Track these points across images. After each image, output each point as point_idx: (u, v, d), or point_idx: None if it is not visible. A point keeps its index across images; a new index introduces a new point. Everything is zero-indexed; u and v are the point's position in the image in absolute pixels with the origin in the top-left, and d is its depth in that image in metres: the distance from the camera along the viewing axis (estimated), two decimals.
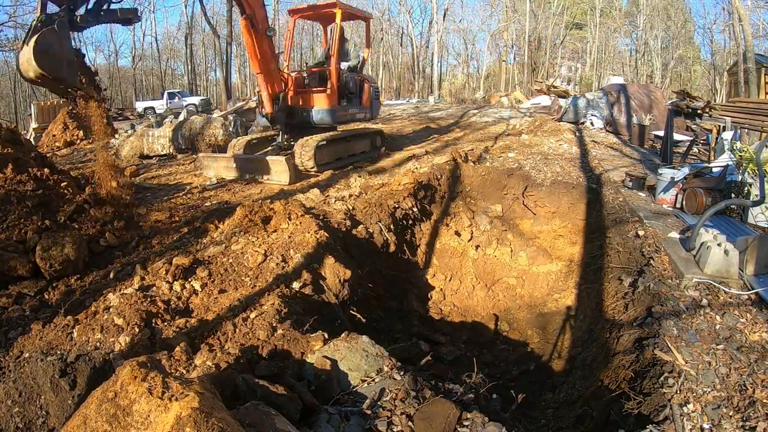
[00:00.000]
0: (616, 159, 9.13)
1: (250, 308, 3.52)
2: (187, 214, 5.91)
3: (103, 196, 5.51)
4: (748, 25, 17.40)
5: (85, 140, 14.83)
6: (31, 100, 30.78)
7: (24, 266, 4.15)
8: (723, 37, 34.03)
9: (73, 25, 4.92)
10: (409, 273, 6.31)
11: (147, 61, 45.47)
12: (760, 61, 17.57)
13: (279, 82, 8.20)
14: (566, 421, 3.73)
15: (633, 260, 4.76)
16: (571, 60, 42.46)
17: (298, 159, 7.95)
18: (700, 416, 2.57)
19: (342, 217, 5.66)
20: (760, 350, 3.01)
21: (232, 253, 4.38)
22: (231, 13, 23.74)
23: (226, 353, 2.92)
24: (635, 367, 3.23)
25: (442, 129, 13.68)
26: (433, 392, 2.65)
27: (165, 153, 11.56)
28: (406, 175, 7.44)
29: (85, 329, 3.26)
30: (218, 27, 30.38)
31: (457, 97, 24.79)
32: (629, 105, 12.50)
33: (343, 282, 4.35)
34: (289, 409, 2.27)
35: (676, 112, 8.86)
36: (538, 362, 5.38)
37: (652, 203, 6.21)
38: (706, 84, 36.89)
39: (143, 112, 27.02)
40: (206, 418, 1.72)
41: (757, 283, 3.78)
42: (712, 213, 4.29)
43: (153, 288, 3.80)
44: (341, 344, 2.94)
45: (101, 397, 1.87)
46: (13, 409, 2.73)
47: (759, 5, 26.52)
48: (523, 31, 36.57)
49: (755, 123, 7.49)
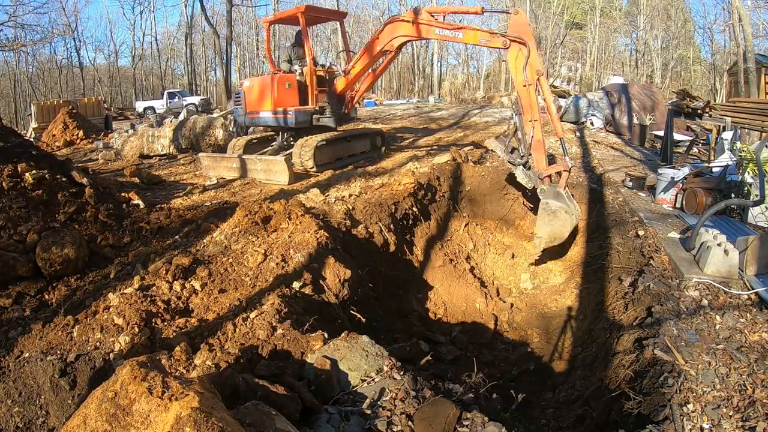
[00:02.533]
0: (617, 159, 9.13)
1: (250, 308, 3.52)
2: (187, 214, 5.91)
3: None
4: (748, 25, 17.39)
5: (85, 140, 14.85)
6: (31, 100, 30.82)
7: (24, 266, 4.15)
8: (723, 37, 34.03)
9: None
10: (409, 273, 6.31)
11: (147, 61, 45.53)
12: (760, 61, 17.55)
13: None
14: (566, 421, 3.73)
15: (633, 260, 4.76)
16: (571, 60, 42.43)
17: (298, 159, 7.95)
18: (700, 416, 2.57)
19: (342, 217, 5.66)
20: (760, 350, 3.01)
21: (232, 253, 4.38)
22: (231, 14, 23.74)
23: (226, 353, 2.92)
24: (635, 366, 3.23)
25: (443, 129, 13.67)
26: (433, 392, 2.65)
27: (165, 153, 11.57)
28: (407, 175, 7.44)
29: (85, 329, 3.26)
30: (218, 27, 30.38)
31: (457, 97, 24.78)
32: (630, 105, 12.49)
33: (343, 282, 4.35)
34: (289, 408, 2.27)
35: (676, 112, 8.86)
36: (538, 362, 5.37)
37: (652, 203, 6.21)
38: (706, 84, 36.86)
39: (143, 112, 27.04)
40: (206, 418, 1.72)
41: (757, 283, 3.78)
42: (712, 213, 4.30)
43: (153, 288, 3.80)
44: (341, 344, 2.94)
45: (101, 397, 1.87)
46: (13, 409, 2.73)
47: (759, 5, 26.53)
48: None
49: (755, 123, 7.50)
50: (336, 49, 35.92)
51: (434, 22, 6.88)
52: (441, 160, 8.37)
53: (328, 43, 39.57)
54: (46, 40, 33.60)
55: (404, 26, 7.20)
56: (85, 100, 19.91)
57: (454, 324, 6.06)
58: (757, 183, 5.01)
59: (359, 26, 41.66)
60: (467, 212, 7.83)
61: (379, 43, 7.64)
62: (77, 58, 42.70)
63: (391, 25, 7.43)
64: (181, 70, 47.04)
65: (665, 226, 5.26)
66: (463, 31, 6.71)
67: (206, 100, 27.90)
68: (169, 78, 45.40)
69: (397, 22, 7.32)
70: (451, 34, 6.80)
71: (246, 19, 40.54)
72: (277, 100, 8.37)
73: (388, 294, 5.70)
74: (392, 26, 7.41)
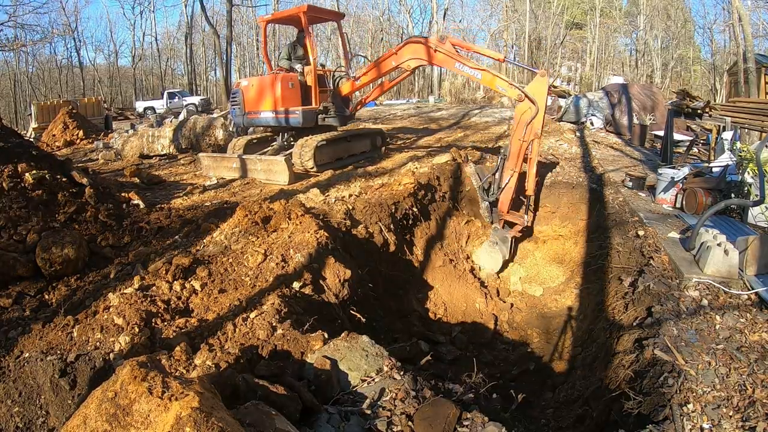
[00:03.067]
0: (617, 159, 9.13)
1: (250, 308, 3.51)
2: (187, 214, 5.91)
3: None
4: (748, 25, 17.40)
5: (85, 140, 14.86)
6: (31, 100, 30.83)
7: (24, 266, 4.15)
8: (723, 37, 34.05)
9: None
10: (409, 273, 6.31)
11: (147, 61, 45.54)
12: (760, 61, 17.55)
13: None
14: (566, 421, 3.73)
15: (633, 260, 4.76)
16: (571, 60, 42.43)
17: (298, 159, 7.94)
18: (700, 416, 2.57)
19: (342, 217, 5.66)
20: (760, 350, 3.01)
21: (232, 253, 4.38)
22: (231, 14, 23.73)
23: (226, 353, 2.92)
24: (635, 366, 3.23)
25: (443, 129, 13.67)
26: (433, 392, 2.65)
27: (165, 153, 11.57)
28: (407, 175, 7.44)
29: (85, 329, 3.26)
30: (218, 27, 30.37)
31: (457, 97, 24.73)
32: (631, 105, 12.49)
33: (343, 282, 4.35)
34: (289, 408, 2.27)
35: (676, 112, 8.86)
36: (538, 362, 5.37)
37: (652, 203, 6.21)
38: (706, 84, 36.86)
39: (143, 112, 27.05)
40: (206, 418, 1.72)
41: (757, 283, 3.78)
42: (712, 213, 4.29)
43: (153, 288, 3.80)
44: (341, 344, 2.94)
45: (101, 397, 1.87)
46: (13, 409, 2.73)
47: (759, 5, 26.53)
48: (523, 31, 36.55)
49: (755, 123, 7.50)
50: (336, 49, 35.96)
51: (456, 55, 6.87)
52: (441, 160, 8.37)
53: (328, 43, 39.56)
54: (46, 40, 33.62)
55: (425, 50, 7.13)
56: (85, 100, 19.92)
57: (454, 324, 6.05)
58: (757, 183, 5.01)
59: (359, 26, 41.66)
60: (467, 212, 7.83)
61: (395, 60, 7.59)
62: (77, 58, 42.78)
63: (412, 46, 7.33)
64: (181, 70, 47.11)
65: (665, 226, 5.26)
66: (482, 72, 6.71)
67: (206, 100, 27.91)
68: (169, 78, 45.40)
69: (419, 44, 7.22)
70: (470, 72, 6.80)
71: (246, 19, 40.55)
72: (280, 100, 8.34)
73: (388, 294, 5.70)
74: (412, 47, 7.32)
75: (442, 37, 7.12)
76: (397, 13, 43.88)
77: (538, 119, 6.08)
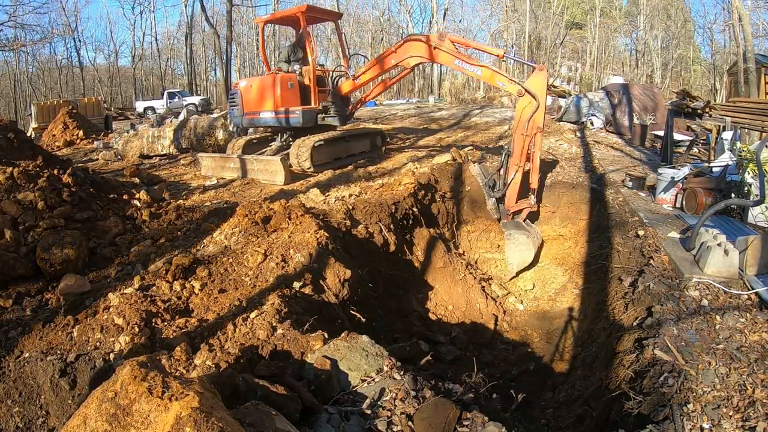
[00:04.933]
0: (617, 159, 9.13)
1: (250, 308, 3.51)
2: (188, 215, 5.91)
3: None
4: (748, 25, 17.38)
5: (85, 140, 14.86)
6: (31, 100, 30.84)
7: (24, 266, 4.15)
8: (723, 37, 34.02)
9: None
10: (409, 273, 6.30)
11: (147, 61, 45.54)
12: (760, 61, 17.53)
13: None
14: (566, 420, 3.73)
15: (633, 260, 4.76)
16: (571, 60, 42.42)
17: (295, 159, 7.94)
18: (700, 416, 2.57)
19: (342, 217, 5.66)
20: (760, 350, 3.01)
21: (232, 253, 4.38)
22: (231, 14, 23.71)
23: (226, 353, 2.92)
24: (635, 366, 3.23)
25: (443, 129, 13.67)
26: (433, 392, 2.65)
27: (165, 153, 11.58)
28: (407, 175, 7.44)
29: (85, 329, 3.26)
30: (218, 27, 30.35)
31: (457, 97, 24.72)
32: (631, 106, 12.49)
33: (343, 282, 4.35)
34: (289, 408, 2.26)
35: (676, 112, 8.86)
36: (538, 362, 5.37)
37: (653, 203, 6.21)
38: (706, 84, 36.87)
39: (143, 112, 27.05)
40: (206, 418, 1.72)
41: (757, 283, 3.78)
42: (712, 213, 4.29)
43: (153, 288, 3.80)
44: (341, 344, 2.94)
45: (101, 397, 1.87)
46: (13, 409, 2.73)
47: (759, 5, 26.50)
48: (523, 31, 36.55)
49: (755, 123, 7.49)
50: (336, 49, 35.92)
51: (455, 52, 6.88)
52: (441, 160, 8.36)
53: (328, 43, 39.54)
54: (46, 40, 33.64)
55: (425, 48, 7.12)
56: (85, 100, 19.93)
57: (454, 324, 6.05)
58: (757, 183, 5.01)
59: (359, 26, 41.67)
60: (468, 212, 7.83)
61: (395, 58, 7.59)
62: (77, 58, 42.80)
63: (412, 44, 7.33)
64: (181, 70, 47.10)
65: (665, 226, 5.26)
66: (482, 69, 6.73)
67: (206, 100, 27.89)
68: (169, 78, 45.39)
69: (419, 42, 7.23)
70: (470, 68, 6.83)
71: (246, 19, 40.52)
72: (280, 101, 8.35)
73: (388, 294, 5.69)
74: (412, 45, 7.32)
75: (442, 35, 7.12)
76: (397, 13, 43.97)
77: (539, 113, 6.09)
